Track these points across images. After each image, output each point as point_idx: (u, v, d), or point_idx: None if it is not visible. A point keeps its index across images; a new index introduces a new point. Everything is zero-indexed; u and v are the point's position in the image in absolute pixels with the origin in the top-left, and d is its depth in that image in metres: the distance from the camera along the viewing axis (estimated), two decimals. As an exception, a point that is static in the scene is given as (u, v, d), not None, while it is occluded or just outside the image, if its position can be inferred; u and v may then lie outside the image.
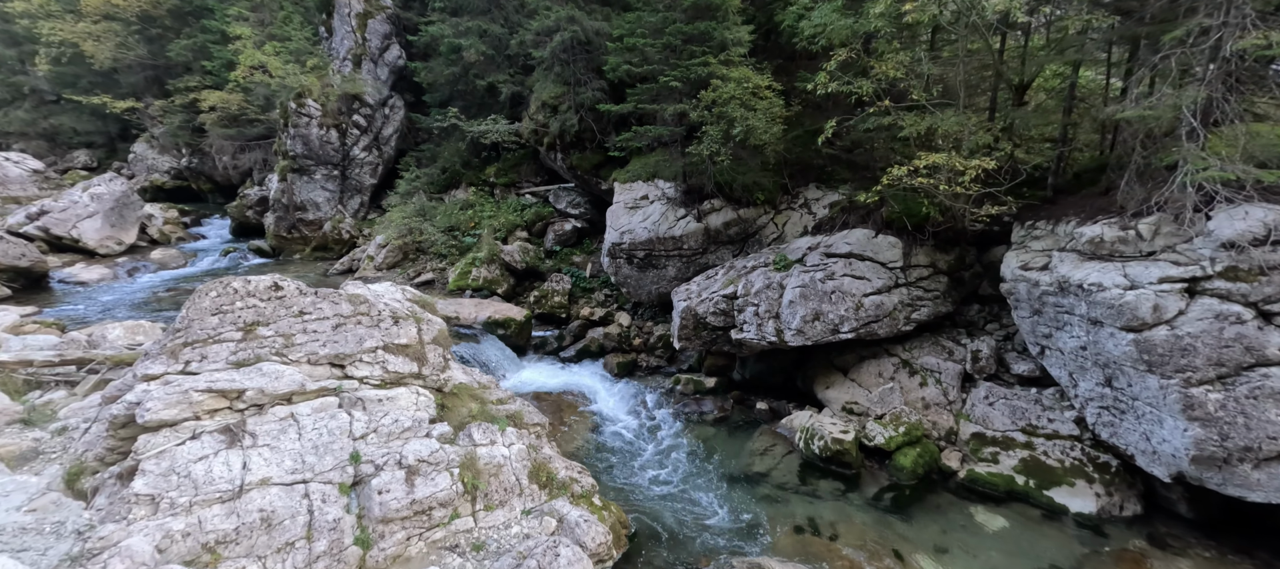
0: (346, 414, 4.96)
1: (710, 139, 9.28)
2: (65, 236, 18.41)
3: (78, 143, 36.46)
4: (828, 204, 11.83)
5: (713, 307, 9.76)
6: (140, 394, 4.50)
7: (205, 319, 4.98)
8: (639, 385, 11.28)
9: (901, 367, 8.56)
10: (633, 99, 10.66)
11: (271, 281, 5.39)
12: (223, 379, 4.57)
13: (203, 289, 5.07)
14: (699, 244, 12.25)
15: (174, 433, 4.40)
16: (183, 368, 4.75)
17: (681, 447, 8.83)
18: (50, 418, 5.37)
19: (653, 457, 8.56)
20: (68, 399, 5.76)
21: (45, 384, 5.91)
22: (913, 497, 6.82)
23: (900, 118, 7.56)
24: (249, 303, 5.18)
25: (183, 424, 4.44)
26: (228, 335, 5.00)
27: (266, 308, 5.24)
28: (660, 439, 9.10)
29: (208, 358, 4.84)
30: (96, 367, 6.12)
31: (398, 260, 16.80)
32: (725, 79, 9.29)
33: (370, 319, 5.66)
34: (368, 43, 19.63)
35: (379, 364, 5.49)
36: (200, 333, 4.90)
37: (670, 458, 8.48)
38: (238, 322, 5.07)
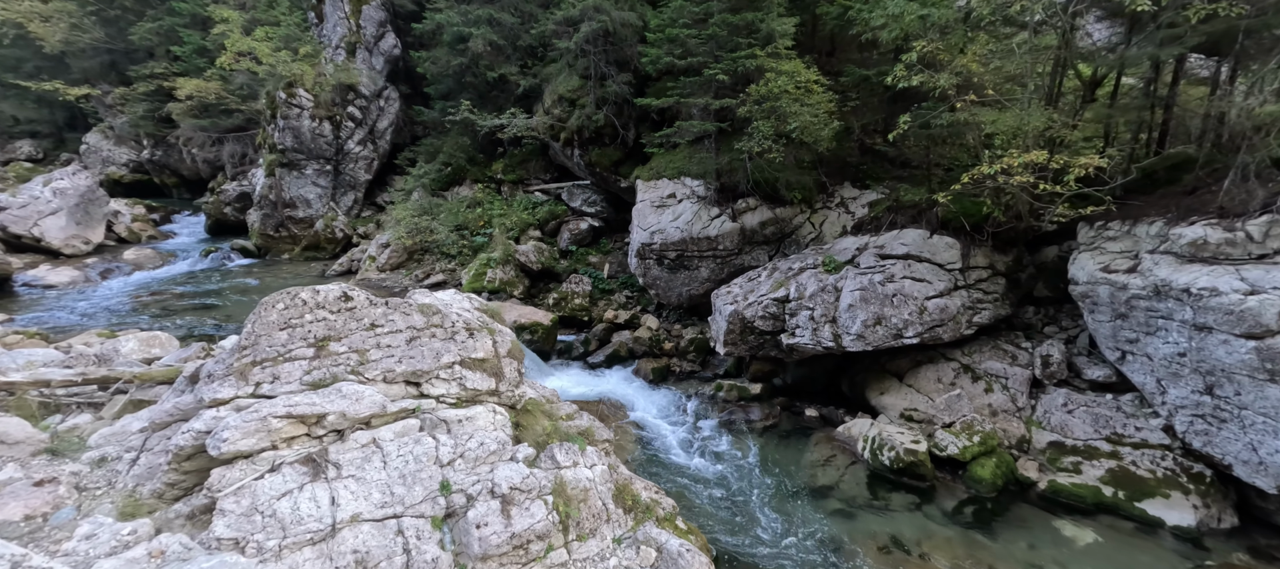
0: (431, 438, 4.60)
1: (760, 135, 9.10)
2: (25, 236, 17.18)
3: (20, 132, 34.12)
4: (867, 203, 11.81)
5: (761, 310, 9.60)
6: (209, 421, 4.06)
7: (273, 334, 4.53)
8: (676, 392, 11.06)
9: (962, 372, 8.55)
10: (673, 93, 10.40)
11: (341, 291, 4.95)
12: (303, 403, 4.16)
13: (269, 301, 4.61)
14: (734, 244, 12.08)
15: (251, 465, 3.99)
16: (253, 390, 4.32)
17: (736, 458, 8.65)
18: (79, 446, 4.85)
19: (708, 470, 8.35)
20: (94, 424, 5.21)
21: (65, 407, 5.34)
22: (994, 510, 6.78)
23: (974, 113, 7.50)
24: (319, 316, 4.74)
25: (260, 455, 4.03)
26: (299, 352, 4.57)
27: (337, 321, 4.81)
28: (712, 450, 8.90)
29: (280, 378, 4.41)
30: (123, 386, 5.57)
31: (402, 261, 16.19)
32: (776, 72, 9.12)
33: (444, 332, 5.28)
34: (362, 30, 18.84)
35: (456, 381, 5.13)
36: (269, 350, 4.45)
37: (727, 471, 8.29)
38: (308, 336, 4.63)
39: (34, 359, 6.45)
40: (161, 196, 30.14)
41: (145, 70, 27.65)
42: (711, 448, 8.99)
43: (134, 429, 5.11)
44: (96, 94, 30.90)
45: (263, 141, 19.65)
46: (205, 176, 29.42)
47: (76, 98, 29.95)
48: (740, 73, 9.52)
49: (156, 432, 4.61)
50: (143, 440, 4.65)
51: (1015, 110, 7.04)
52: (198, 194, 30.23)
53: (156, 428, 4.62)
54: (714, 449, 8.95)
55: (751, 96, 9.23)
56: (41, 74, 30.15)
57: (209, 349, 7.43)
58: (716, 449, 8.95)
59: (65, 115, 34.46)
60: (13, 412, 5.06)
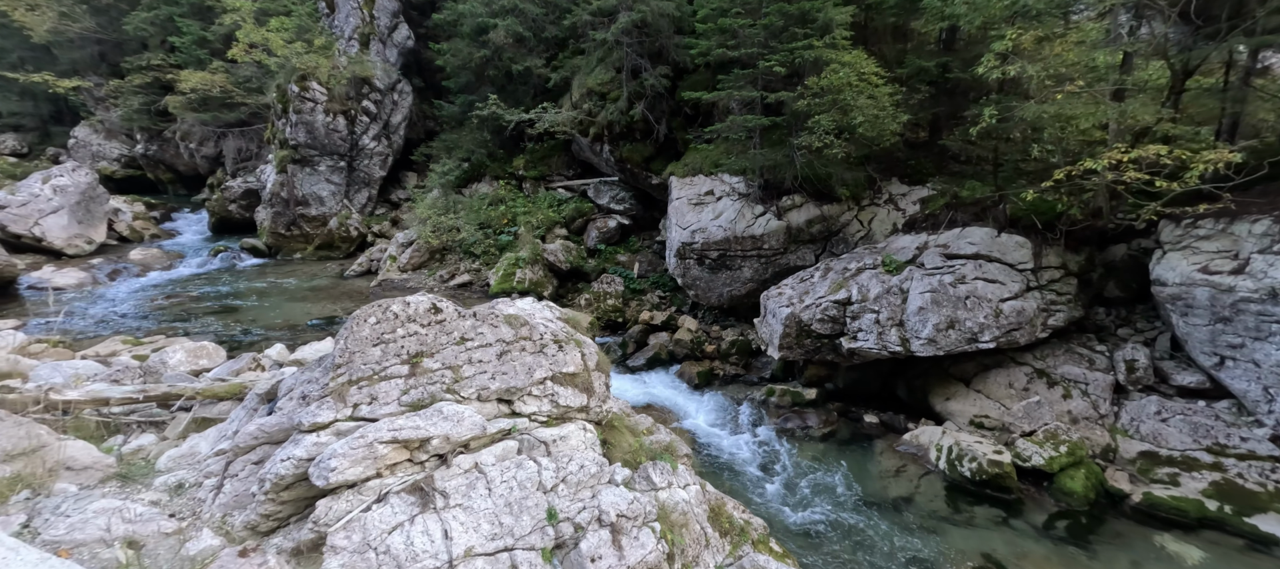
0: (532, 462, 4.35)
1: (821, 129, 8.85)
2: (25, 235, 16.73)
3: (2, 126, 33.40)
4: (918, 200, 11.59)
5: (820, 313, 9.38)
6: (311, 448, 3.80)
7: (366, 351, 4.25)
8: (724, 397, 10.86)
9: (1036, 377, 8.37)
10: (725, 85, 10.13)
11: (430, 303, 4.68)
12: (407, 427, 3.90)
13: (361, 316, 4.34)
14: (780, 243, 11.86)
15: (357, 495, 3.74)
16: (352, 413, 4.05)
17: (801, 469, 8.45)
18: (148, 470, 4.57)
19: (774, 482, 8.14)
20: (160, 445, 4.94)
21: (125, 427, 5.06)
22: (1088, 524, 6.61)
23: (1069, 106, 7.27)
24: (410, 329, 4.47)
25: (366, 484, 3.77)
26: (393, 370, 4.31)
27: (428, 335, 4.54)
28: (774, 460, 8.70)
29: (378, 399, 4.14)
30: (187, 403, 5.29)
31: (424, 261, 15.88)
32: (838, 63, 8.87)
33: (533, 344, 5.02)
34: (376, 21, 18.41)
35: (548, 397, 4.89)
36: (364, 368, 4.19)
37: (794, 483, 8.09)
38: (401, 353, 4.37)
39: (78, 372, 6.15)
40: (155, 193, 29.57)
41: (141, 61, 27.06)
42: (773, 458, 8.79)
43: (205, 451, 4.84)
44: (87, 86, 30.23)
45: (271, 136, 19.24)
46: (203, 172, 28.89)
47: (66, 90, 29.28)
48: (797, 65, 9.25)
49: (241, 456, 4.34)
50: (223, 465, 4.38)
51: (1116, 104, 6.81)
52: (194, 190, 29.69)
53: (241, 452, 4.35)
54: (776, 459, 8.75)
55: (811, 89, 8.98)
56: (27, 65, 29.42)
57: (259, 361, 7.14)
58: (778, 459, 8.75)
59: (50, 108, 33.71)
60: (71, 433, 4.78)
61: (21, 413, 4.80)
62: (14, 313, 11.92)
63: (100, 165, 29.52)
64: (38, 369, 6.28)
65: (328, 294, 14.06)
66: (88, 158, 31.09)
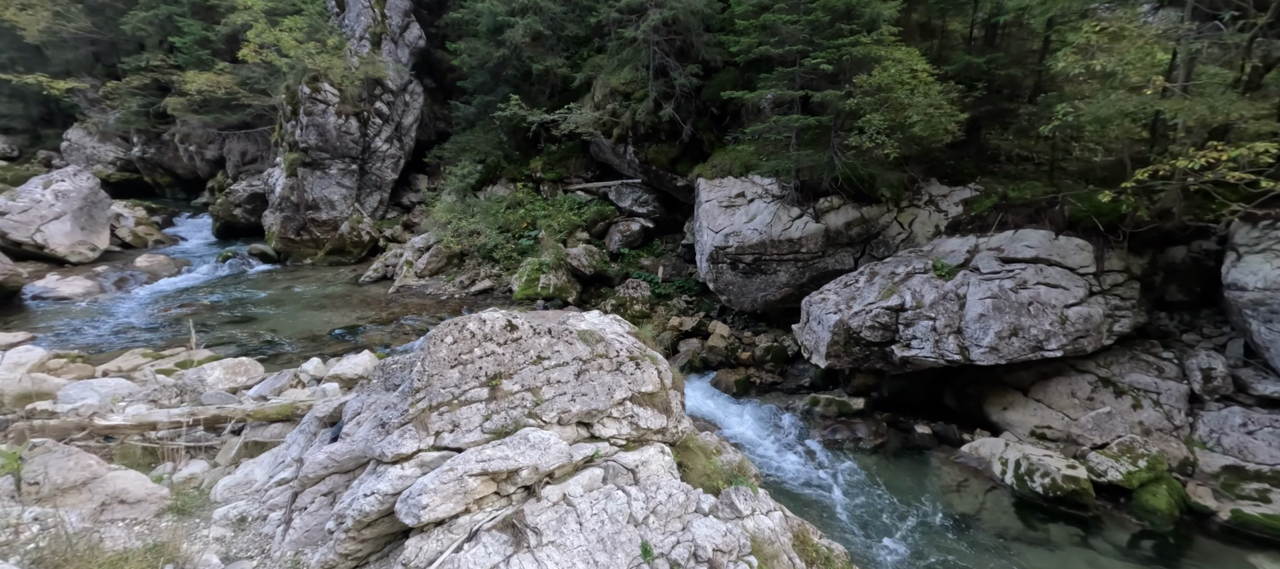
0: (621, 492, 4.10)
1: (873, 128, 8.62)
2: (27, 242, 16.40)
3: None
4: (960, 201, 11.38)
5: (870, 320, 9.16)
6: (396, 481, 3.54)
7: (445, 373, 3.99)
8: (764, 406, 10.62)
9: (1101, 386, 8.16)
10: (766, 84, 9.90)
11: (506, 320, 4.43)
12: (495, 457, 3.63)
13: (438, 335, 4.08)
14: (818, 247, 11.63)
15: (448, 534, 3.48)
16: (435, 442, 3.80)
17: (857, 483, 8.21)
18: (203, 501, 4.30)
19: (833, 499, 7.90)
20: (212, 473, 4.66)
21: (174, 453, 4.77)
22: (1176, 545, 6.40)
23: (1152, 102, 7.05)
24: (487, 349, 4.21)
25: (456, 521, 3.51)
26: (473, 394, 4.05)
27: (505, 354, 4.28)
28: (827, 475, 8.46)
29: (460, 426, 3.88)
30: (236, 426, 5.01)
31: (442, 266, 15.61)
32: (889, 60, 8.64)
33: (610, 362, 4.77)
34: (387, 20, 18.13)
35: (627, 419, 4.64)
36: (443, 392, 3.92)
37: (854, 499, 7.85)
38: (480, 374, 4.11)
39: (111, 392, 5.87)
40: (152, 196, 29.20)
41: (139, 62, 26.70)
42: (826, 472, 8.55)
43: (261, 479, 4.58)
44: (83, 88, 29.83)
45: (278, 139, 18.94)
46: (203, 175, 28.55)
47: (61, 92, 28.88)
48: (844, 62, 9.03)
49: (309, 487, 4.08)
50: (289, 497, 4.12)
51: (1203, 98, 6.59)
52: (193, 194, 29.32)
53: (308, 483, 4.09)
54: (829, 473, 8.51)
55: (861, 87, 8.75)
56: (17, 65, 29.02)
57: (299, 377, 6.88)
58: (832, 473, 8.51)
59: (40, 110, 33.28)
60: (118, 460, 4.51)
61: (65, 439, 4.53)
62: (21, 324, 11.61)
63: (95, 169, 29.11)
64: (67, 389, 6.01)
65: (345, 301, 13.78)
66: (81, 161, 30.69)
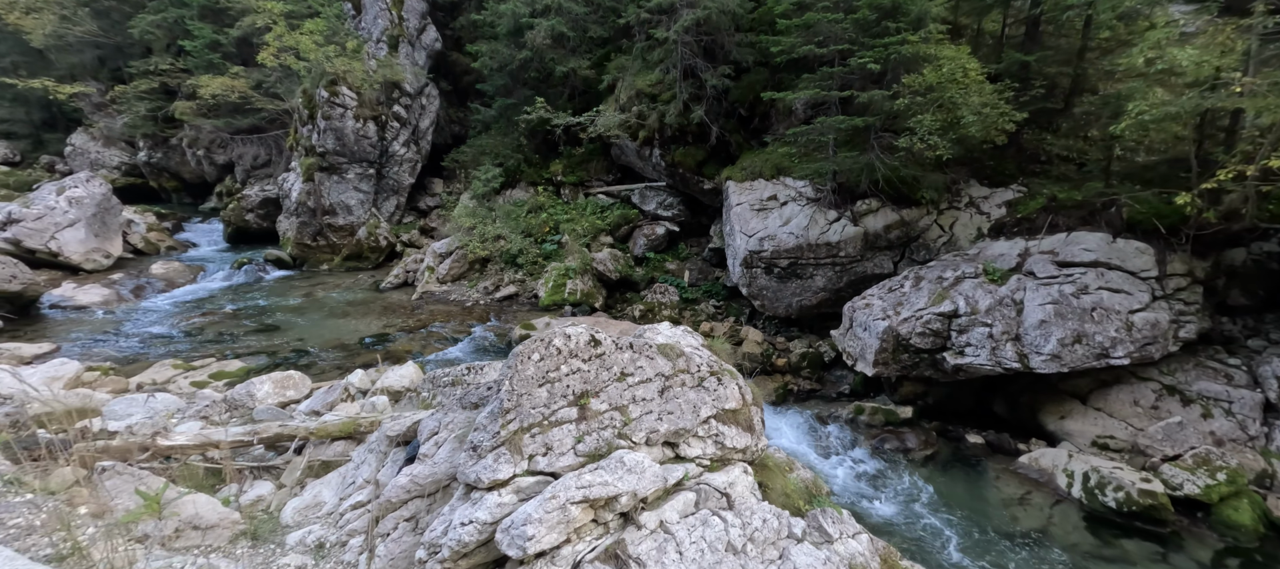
0: (717, 518, 3.94)
1: (924, 129, 8.47)
2: (41, 250, 16.30)
3: None
4: (1003, 203, 11.23)
5: (920, 326, 8.99)
6: (494, 509, 3.38)
7: (533, 392, 3.84)
8: (806, 415, 10.44)
9: (1166, 394, 7.98)
10: (808, 84, 9.75)
11: (589, 335, 4.29)
12: (595, 483, 3.48)
13: (524, 353, 3.93)
14: (857, 250, 11.48)
15: (550, 565, 3.33)
16: (529, 466, 3.65)
17: (916, 497, 8.03)
18: (274, 526, 4.15)
19: (891, 513, 7.73)
20: (279, 495, 4.51)
21: (238, 474, 4.63)
22: (1264, 562, 6.22)
23: (1231, 99, 6.90)
24: (573, 366, 4.06)
25: (558, 552, 3.37)
26: (563, 414, 3.90)
27: (590, 371, 4.14)
28: (883, 488, 8.28)
29: (553, 449, 3.73)
30: (299, 444, 4.86)
31: (464, 271, 15.49)
32: (939, 58, 8.50)
33: (692, 377, 4.62)
34: (405, 22, 18.03)
35: (712, 438, 4.48)
36: (533, 413, 3.78)
37: (915, 514, 7.67)
38: (567, 393, 3.96)
39: (158, 406, 5.73)
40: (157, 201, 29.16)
41: (147, 66, 26.67)
42: (880, 484, 8.38)
43: (330, 501, 4.43)
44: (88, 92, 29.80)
45: (294, 143, 18.84)
46: (211, 180, 28.48)
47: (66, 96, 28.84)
48: (892, 60, 8.89)
49: (391, 513, 3.93)
50: (368, 522, 3.97)
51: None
52: (200, 198, 29.26)
53: (390, 508, 3.94)
54: (883, 486, 8.33)
55: (910, 86, 8.61)
56: (20, 70, 28.99)
57: (350, 392, 6.74)
58: (886, 486, 8.34)
59: (42, 115, 33.24)
60: (182, 482, 4.37)
61: (128, 460, 4.39)
62: (42, 334, 11.49)
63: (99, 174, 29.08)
64: (112, 405, 5.87)
65: (369, 309, 13.65)
66: (86, 166, 30.66)
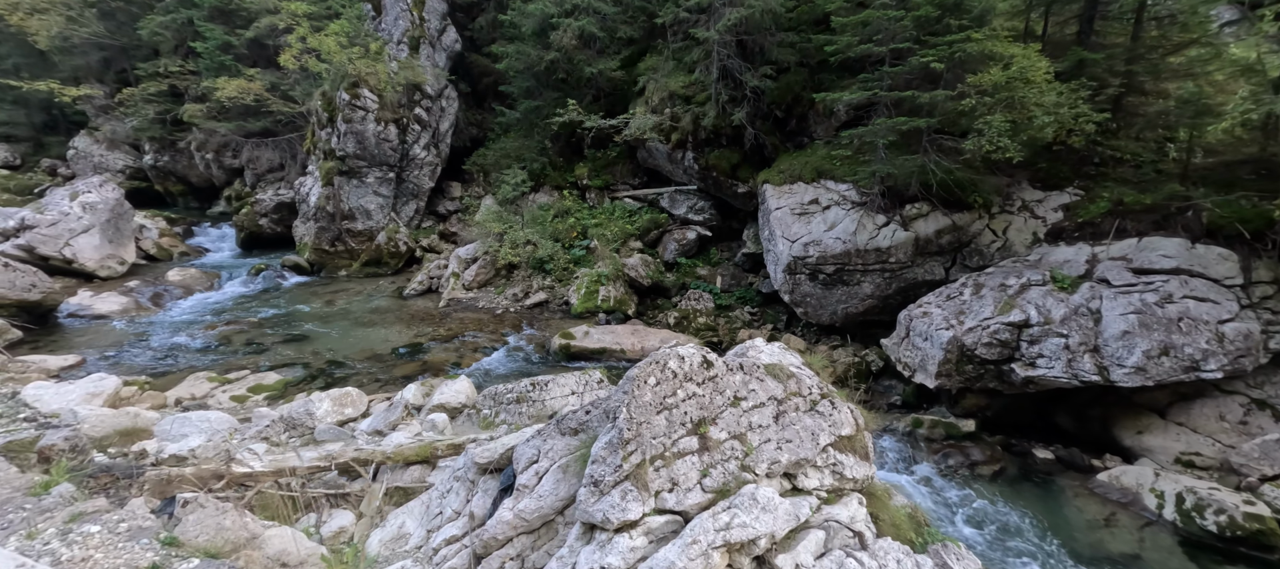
0: (853, 560, 3.61)
1: (993, 130, 8.19)
2: (55, 257, 16.04)
3: None
4: (1059, 206, 10.95)
5: (987, 337, 8.70)
6: (627, 555, 3.08)
7: (652, 420, 3.55)
8: (859, 429, 10.14)
9: (1255, 408, 7.68)
10: (865, 84, 9.48)
11: (701, 357, 4.00)
12: (734, 525, 3.17)
13: (640, 377, 3.64)
14: (907, 256, 11.19)
15: (694, 617, 3.04)
16: (657, 503, 3.36)
17: (993, 517, 7.71)
18: (361, 561, 3.87)
19: (968, 534, 7.42)
20: (360, 525, 4.22)
21: (314, 502, 4.34)
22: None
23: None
24: (688, 390, 3.77)
25: (701, 602, 3.08)
26: (684, 444, 3.61)
27: (704, 395, 3.85)
28: (953, 507, 7.97)
29: (679, 483, 3.44)
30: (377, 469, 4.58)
31: (490, 277, 15.22)
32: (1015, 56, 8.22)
33: (804, 401, 4.33)
34: (426, 23, 17.80)
35: (830, 467, 4.18)
36: (654, 443, 3.48)
37: (996, 536, 7.35)
38: (685, 420, 3.67)
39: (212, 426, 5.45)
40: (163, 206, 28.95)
41: (156, 68, 26.48)
42: (950, 503, 8.06)
43: (416, 534, 4.14)
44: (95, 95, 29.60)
45: (311, 147, 18.60)
46: (218, 184, 28.24)
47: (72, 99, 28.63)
48: (956, 58, 8.61)
49: (496, 550, 3.64)
50: (468, 559, 3.68)
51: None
52: (206, 202, 29.02)
53: (495, 545, 3.65)
54: (954, 505, 8.02)
55: (977, 86, 8.33)
56: (22, 72, 28.77)
57: (411, 409, 6.45)
58: (955, 504, 8.02)
59: (43, 117, 33.00)
60: (260, 513, 4.08)
61: (203, 489, 4.11)
62: (64, 345, 11.22)
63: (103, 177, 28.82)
64: (162, 424, 5.58)
65: (396, 317, 13.37)
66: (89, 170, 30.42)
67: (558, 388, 6.67)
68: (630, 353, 11.09)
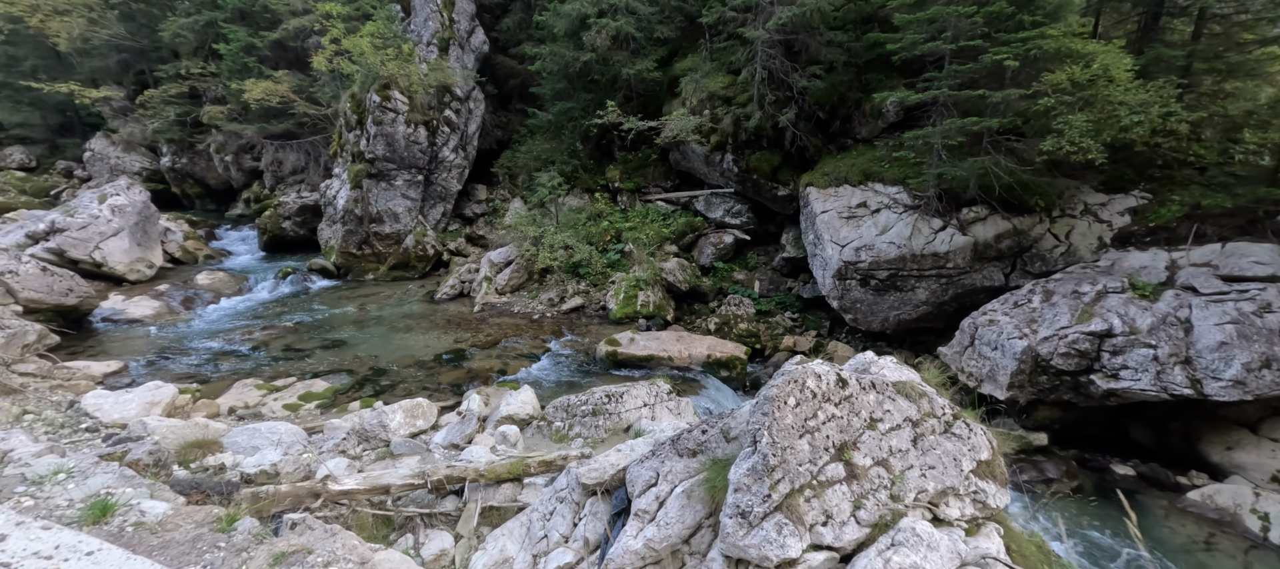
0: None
1: (1074, 130, 7.86)
2: (85, 260, 15.95)
3: (7, 138, 32.67)
4: (1125, 210, 10.59)
5: (1064, 346, 8.35)
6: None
7: (795, 445, 3.28)
8: (919, 441, 9.80)
9: (1357, 424, 7.29)
10: (934, 82, 9.18)
11: (836, 375, 3.71)
12: (904, 565, 2.91)
13: (779, 397, 3.36)
14: (965, 261, 10.86)
15: (870, 668, 2.76)
16: (813, 539, 3.08)
17: (1075, 535, 7.38)
18: (470, 596, 3.61)
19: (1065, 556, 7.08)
20: (459, 547, 3.96)
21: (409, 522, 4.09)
22: None
23: None
24: (827, 411, 3.49)
25: (875, 650, 2.80)
26: (830, 471, 3.32)
27: (842, 417, 3.56)
28: (1042, 527, 7.63)
29: (832, 516, 3.15)
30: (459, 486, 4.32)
31: (523, 282, 14.99)
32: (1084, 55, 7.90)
33: (938, 422, 4.03)
34: (456, 24, 17.64)
35: (971, 496, 3.87)
36: (801, 471, 3.20)
37: (1088, 558, 7.03)
38: (828, 445, 3.40)
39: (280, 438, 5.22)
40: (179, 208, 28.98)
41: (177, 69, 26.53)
42: (1032, 523, 7.72)
43: (518, 558, 3.86)
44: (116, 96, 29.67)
45: (337, 149, 18.49)
46: (237, 186, 28.25)
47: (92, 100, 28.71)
48: (1032, 56, 8.30)
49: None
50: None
51: None
52: (223, 205, 29.02)
53: None
54: (1034, 524, 7.68)
55: (1055, 84, 8.01)
56: (40, 73, 28.87)
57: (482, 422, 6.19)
58: (1036, 524, 7.68)
59: (58, 119, 33.09)
60: (357, 532, 3.83)
61: (299, 509, 3.87)
62: (102, 350, 11.06)
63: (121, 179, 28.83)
64: (231, 436, 5.36)
65: (431, 322, 13.15)
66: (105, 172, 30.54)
67: (631, 400, 6.40)
68: (678, 360, 10.79)
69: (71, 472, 3.84)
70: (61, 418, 5.49)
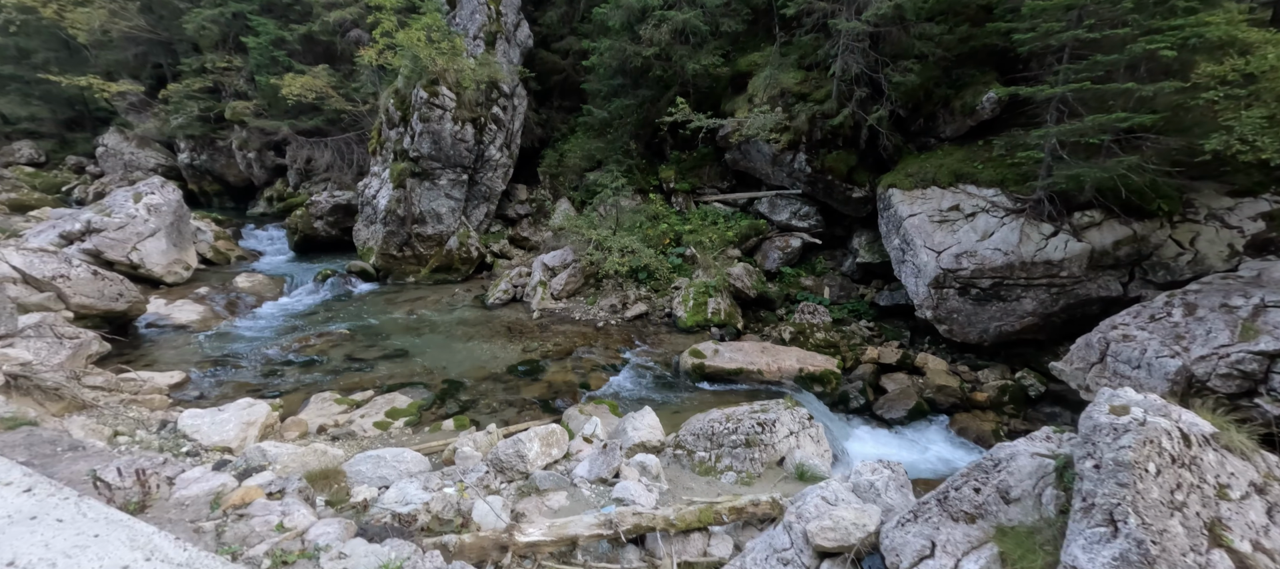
0: None
1: (1252, 125, 7.12)
2: (121, 262, 15.31)
3: (16, 133, 31.97)
4: (1258, 215, 9.84)
5: (1225, 366, 7.61)
6: None
7: (1167, 525, 2.54)
8: (1039, 465, 9.07)
9: None
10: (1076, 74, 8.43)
11: (1178, 430, 3.03)
12: None
13: (1135, 462, 2.62)
14: (1081, 269, 10.12)
15: None
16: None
17: None
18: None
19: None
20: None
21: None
22: None
23: None
24: (1181, 477, 2.80)
25: None
26: (1216, 565, 2.64)
27: (1192, 482, 2.87)
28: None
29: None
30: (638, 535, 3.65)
31: (580, 286, 14.31)
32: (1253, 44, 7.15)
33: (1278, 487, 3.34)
34: (503, 17, 16.97)
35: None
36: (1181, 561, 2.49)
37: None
38: (1198, 526, 2.63)
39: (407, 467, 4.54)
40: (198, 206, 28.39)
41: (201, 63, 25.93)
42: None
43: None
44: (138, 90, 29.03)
45: (376, 146, 17.85)
46: (258, 184, 27.65)
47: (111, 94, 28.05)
48: (1190, 44, 7.55)
49: None
50: None
51: None
52: (242, 203, 28.41)
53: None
54: None
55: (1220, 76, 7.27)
56: (52, 66, 28.26)
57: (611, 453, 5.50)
58: None
59: (68, 113, 32.42)
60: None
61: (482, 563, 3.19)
62: (154, 359, 10.41)
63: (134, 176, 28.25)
64: (354, 464, 4.68)
65: (490, 329, 12.48)
66: (119, 168, 30.01)
67: (781, 428, 5.70)
68: (768, 374, 10.08)
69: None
70: (157, 440, 4.84)
